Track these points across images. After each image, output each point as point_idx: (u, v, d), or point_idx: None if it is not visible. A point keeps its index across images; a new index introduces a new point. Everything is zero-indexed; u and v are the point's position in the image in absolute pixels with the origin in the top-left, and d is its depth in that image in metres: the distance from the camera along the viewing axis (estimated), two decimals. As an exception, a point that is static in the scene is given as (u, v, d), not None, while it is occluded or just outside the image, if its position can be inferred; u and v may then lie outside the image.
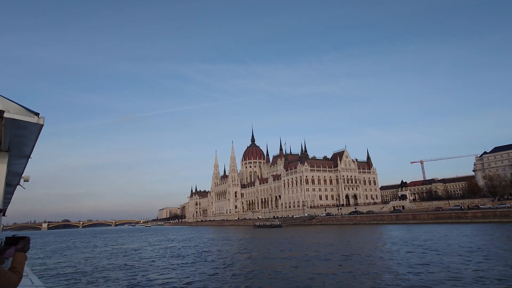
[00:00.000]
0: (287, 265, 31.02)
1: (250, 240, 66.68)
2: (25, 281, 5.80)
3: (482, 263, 27.72)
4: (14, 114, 4.76)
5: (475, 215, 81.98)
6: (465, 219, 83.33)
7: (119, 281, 26.83)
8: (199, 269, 31.34)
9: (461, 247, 37.83)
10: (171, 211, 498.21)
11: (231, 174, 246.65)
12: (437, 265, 27.74)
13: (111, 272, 31.90)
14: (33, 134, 5.51)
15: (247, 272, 28.60)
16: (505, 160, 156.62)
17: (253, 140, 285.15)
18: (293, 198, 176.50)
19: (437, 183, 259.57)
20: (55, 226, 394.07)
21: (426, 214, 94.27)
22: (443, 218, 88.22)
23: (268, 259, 36.67)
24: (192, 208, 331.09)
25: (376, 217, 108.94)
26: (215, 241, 68.98)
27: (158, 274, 29.43)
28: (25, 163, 7.47)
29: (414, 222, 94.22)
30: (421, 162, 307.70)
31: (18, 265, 3.78)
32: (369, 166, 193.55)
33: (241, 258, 38.11)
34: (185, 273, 29.63)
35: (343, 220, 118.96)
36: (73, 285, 26.57)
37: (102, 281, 27.33)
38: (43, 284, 6.05)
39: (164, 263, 37.25)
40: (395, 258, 32.39)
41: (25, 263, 4.07)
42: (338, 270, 27.28)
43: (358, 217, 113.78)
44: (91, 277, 29.62)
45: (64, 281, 27.91)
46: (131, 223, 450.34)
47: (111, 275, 29.86)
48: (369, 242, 50.67)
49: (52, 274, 31.93)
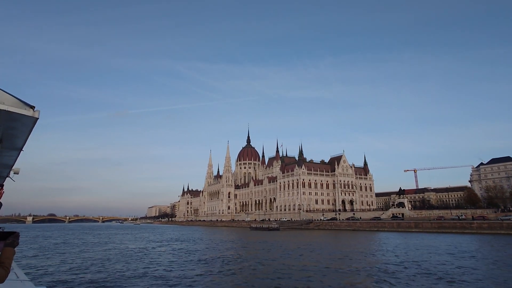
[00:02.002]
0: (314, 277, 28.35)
1: (261, 244, 63.80)
2: (11, 275, 5.78)
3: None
4: (9, 107, 4.62)
5: (480, 226, 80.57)
6: (470, 229, 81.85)
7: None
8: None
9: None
10: (160, 210, 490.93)
11: (225, 174, 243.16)
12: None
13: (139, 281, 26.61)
14: (27, 127, 5.37)
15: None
16: (502, 172, 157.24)
17: (248, 141, 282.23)
18: (289, 201, 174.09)
19: (430, 192, 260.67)
20: (40, 220, 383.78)
21: (429, 223, 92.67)
22: (447, 228, 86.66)
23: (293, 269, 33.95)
24: (183, 207, 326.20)
25: (376, 224, 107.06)
26: (223, 244, 65.91)
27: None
28: (17, 155, 7.25)
29: (416, 230, 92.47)
30: (415, 170, 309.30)
31: (6, 260, 3.73)
32: (365, 172, 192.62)
33: (281, 268, 35.29)
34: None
35: (342, 226, 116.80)
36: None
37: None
38: (29, 279, 5.91)
39: (196, 269, 33.50)
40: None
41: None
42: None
43: (358, 223, 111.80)
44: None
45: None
46: (118, 220, 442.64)
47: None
48: (391, 252, 48.26)
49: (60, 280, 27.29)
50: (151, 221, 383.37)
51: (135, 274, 29.36)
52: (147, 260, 39.40)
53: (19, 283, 5.70)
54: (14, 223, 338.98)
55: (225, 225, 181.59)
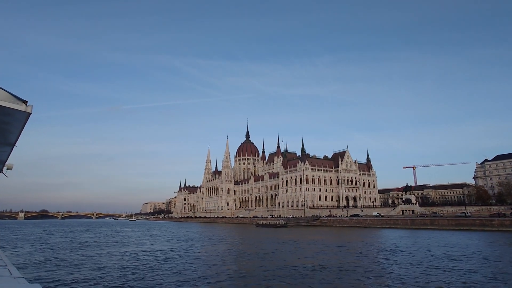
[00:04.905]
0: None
1: (284, 245, 59.77)
2: (3, 271, 5.94)
3: None
4: (1, 101, 4.64)
5: (502, 223, 77.78)
6: (491, 227, 79.07)
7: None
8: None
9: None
10: (155, 206, 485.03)
11: (225, 170, 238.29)
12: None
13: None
14: (20, 122, 5.36)
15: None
16: (508, 169, 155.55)
17: (247, 136, 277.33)
18: (292, 198, 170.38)
19: (429, 189, 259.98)
20: (33, 216, 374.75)
21: (446, 220, 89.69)
22: (466, 225, 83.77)
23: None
24: (180, 203, 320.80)
25: (388, 220, 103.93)
26: (248, 244, 61.80)
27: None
28: (10, 151, 7.26)
29: (432, 228, 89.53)
30: (413, 167, 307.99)
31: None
32: (368, 168, 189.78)
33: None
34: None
35: (351, 223, 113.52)
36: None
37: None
38: (21, 275, 5.84)
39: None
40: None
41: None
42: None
43: (368, 220, 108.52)
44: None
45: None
46: (113, 217, 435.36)
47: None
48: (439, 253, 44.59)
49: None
50: (146, 217, 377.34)
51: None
52: (203, 266, 33.48)
53: (12, 280, 5.52)
54: (5, 219, 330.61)
55: (226, 222, 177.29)
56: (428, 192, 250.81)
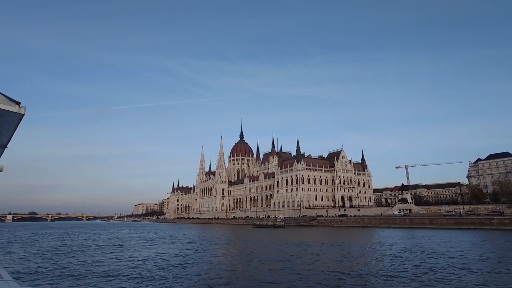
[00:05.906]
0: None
1: (288, 247, 58.41)
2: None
3: None
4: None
5: (501, 222, 78.07)
6: (490, 225, 79.31)
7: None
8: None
9: None
10: (147, 207, 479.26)
11: (219, 170, 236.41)
12: None
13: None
14: (12, 123, 5.26)
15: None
16: (501, 168, 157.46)
17: (241, 136, 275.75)
18: (287, 198, 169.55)
19: (422, 189, 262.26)
20: (21, 218, 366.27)
21: (444, 219, 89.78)
22: (464, 224, 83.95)
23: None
24: (173, 204, 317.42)
25: (387, 220, 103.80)
26: (253, 246, 60.26)
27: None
28: (1, 153, 7.16)
29: (431, 227, 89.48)
30: (406, 167, 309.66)
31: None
32: (363, 168, 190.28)
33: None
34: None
35: (348, 222, 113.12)
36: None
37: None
38: (13, 279, 5.76)
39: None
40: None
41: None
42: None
43: (366, 220, 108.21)
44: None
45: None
46: (104, 218, 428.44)
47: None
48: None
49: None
50: (138, 218, 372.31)
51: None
52: (215, 270, 31.53)
53: (3, 283, 5.51)
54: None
55: (221, 223, 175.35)
56: (421, 192, 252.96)
